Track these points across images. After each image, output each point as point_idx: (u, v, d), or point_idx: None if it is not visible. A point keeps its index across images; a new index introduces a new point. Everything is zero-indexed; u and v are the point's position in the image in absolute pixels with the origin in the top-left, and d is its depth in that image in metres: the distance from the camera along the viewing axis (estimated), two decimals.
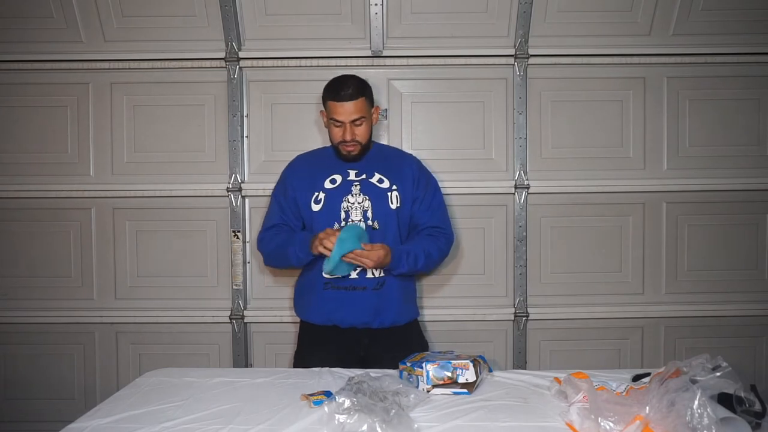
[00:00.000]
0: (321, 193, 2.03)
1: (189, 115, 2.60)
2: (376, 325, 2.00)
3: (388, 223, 2.02)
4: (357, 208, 2.01)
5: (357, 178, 2.04)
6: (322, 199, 2.03)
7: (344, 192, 2.03)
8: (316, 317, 2.04)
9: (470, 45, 2.53)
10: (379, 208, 2.02)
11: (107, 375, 2.63)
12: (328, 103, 1.98)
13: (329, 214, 2.01)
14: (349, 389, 1.47)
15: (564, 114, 2.60)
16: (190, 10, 2.50)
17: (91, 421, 1.44)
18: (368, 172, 2.05)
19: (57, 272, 2.62)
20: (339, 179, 2.04)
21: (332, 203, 2.02)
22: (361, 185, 2.03)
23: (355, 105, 1.95)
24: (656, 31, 2.54)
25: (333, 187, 2.03)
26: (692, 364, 1.39)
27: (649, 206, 2.62)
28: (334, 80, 2.02)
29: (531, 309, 2.59)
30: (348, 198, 2.02)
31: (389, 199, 2.03)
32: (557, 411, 1.47)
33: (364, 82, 2.03)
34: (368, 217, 2.01)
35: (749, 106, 2.60)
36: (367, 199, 2.02)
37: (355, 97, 1.95)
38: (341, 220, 2.01)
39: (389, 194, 2.04)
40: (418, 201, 2.08)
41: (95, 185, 2.59)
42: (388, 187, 2.04)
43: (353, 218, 2.00)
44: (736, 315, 2.60)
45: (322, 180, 2.05)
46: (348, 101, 1.94)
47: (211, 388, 1.66)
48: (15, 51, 2.54)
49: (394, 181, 2.05)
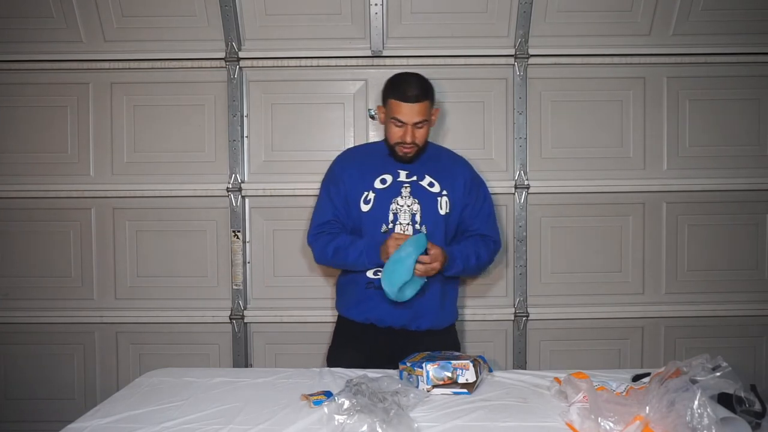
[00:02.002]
0: (371, 192, 1.98)
1: (189, 115, 2.60)
2: (414, 327, 1.98)
3: (436, 229, 1.97)
4: (406, 211, 1.96)
5: (407, 180, 1.98)
6: (371, 200, 1.97)
7: (394, 193, 1.97)
8: (356, 314, 2.01)
9: (470, 45, 2.53)
10: (428, 212, 1.97)
11: (107, 375, 2.63)
12: (392, 101, 1.92)
13: (378, 216, 1.96)
14: (348, 390, 1.47)
15: (564, 114, 2.60)
16: (190, 10, 2.50)
17: (91, 421, 1.44)
18: (419, 174, 2.00)
19: (57, 272, 2.62)
20: (389, 179, 1.99)
21: (381, 204, 1.96)
22: (412, 187, 1.98)
23: (420, 107, 1.90)
24: (656, 31, 2.54)
25: (383, 188, 1.98)
26: (692, 364, 1.39)
27: (649, 206, 2.62)
28: (400, 78, 1.96)
29: (531, 309, 2.59)
30: (397, 200, 1.97)
31: (439, 204, 1.98)
32: (557, 411, 1.47)
33: (429, 83, 1.97)
34: (416, 221, 1.96)
35: (749, 106, 2.60)
36: (416, 203, 1.97)
37: (421, 99, 1.90)
38: (389, 222, 1.96)
39: (439, 199, 1.99)
40: (468, 207, 2.03)
41: (95, 185, 2.59)
42: (439, 191, 1.99)
43: (401, 221, 1.95)
44: (736, 315, 2.60)
45: (373, 179, 1.99)
46: (414, 103, 1.89)
47: (211, 388, 1.66)
48: (15, 51, 2.54)
49: (445, 186, 2.00)
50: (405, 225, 1.96)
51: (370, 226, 1.96)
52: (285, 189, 2.57)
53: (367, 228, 1.97)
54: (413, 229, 1.96)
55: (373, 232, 1.96)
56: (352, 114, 2.59)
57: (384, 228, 1.96)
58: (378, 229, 1.95)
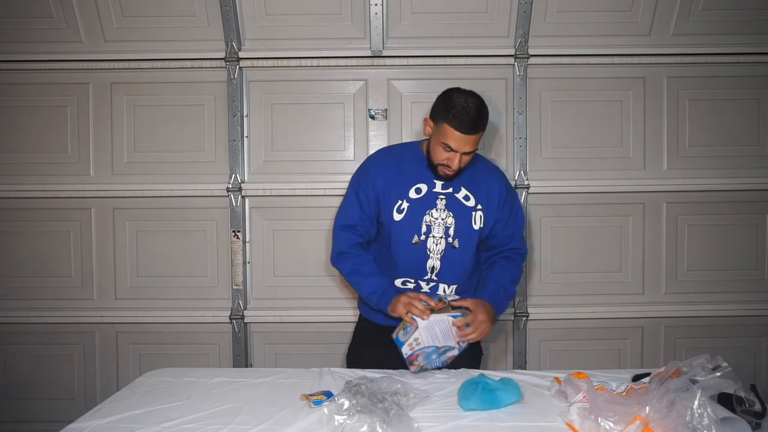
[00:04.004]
0: (405, 202, 1.89)
1: (189, 115, 2.60)
2: None
3: (468, 243, 1.91)
4: (440, 224, 1.89)
5: (443, 191, 1.90)
6: (405, 209, 1.88)
7: (428, 205, 1.89)
8: (378, 317, 1.97)
9: (470, 45, 2.53)
10: (462, 226, 1.90)
11: (107, 375, 2.63)
12: (446, 126, 1.78)
13: (410, 227, 1.89)
14: (348, 391, 1.47)
15: (564, 114, 2.60)
16: (190, 10, 2.50)
17: (91, 421, 1.44)
18: (455, 186, 1.91)
19: (57, 272, 2.62)
20: (424, 189, 1.90)
21: (415, 215, 1.88)
22: (447, 200, 1.90)
23: (476, 138, 1.80)
24: (656, 31, 2.54)
25: (418, 197, 1.89)
26: (692, 364, 1.39)
27: (649, 206, 2.62)
28: (460, 104, 1.78)
29: (531, 309, 2.59)
30: (432, 212, 1.89)
31: (473, 219, 1.91)
32: (557, 411, 1.47)
33: (487, 109, 1.82)
34: (450, 234, 1.89)
35: (749, 106, 2.60)
36: (450, 216, 1.89)
37: (479, 130, 1.79)
38: (421, 234, 1.88)
39: (474, 214, 1.91)
40: (501, 222, 1.95)
41: (95, 185, 2.59)
42: (474, 206, 1.91)
43: (434, 234, 1.88)
44: (736, 315, 2.60)
45: (408, 187, 1.90)
46: (472, 134, 1.78)
47: (211, 388, 1.66)
48: (15, 51, 2.54)
49: (480, 200, 1.92)
50: (438, 238, 1.90)
51: (400, 236, 1.89)
52: (285, 189, 2.57)
53: (398, 238, 1.90)
54: (446, 242, 1.90)
55: (402, 242, 1.90)
56: (352, 114, 2.60)
57: (416, 239, 1.90)
58: (409, 240, 1.89)
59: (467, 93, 1.83)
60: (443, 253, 1.90)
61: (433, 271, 1.90)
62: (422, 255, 1.89)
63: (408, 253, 1.90)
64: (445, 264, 1.90)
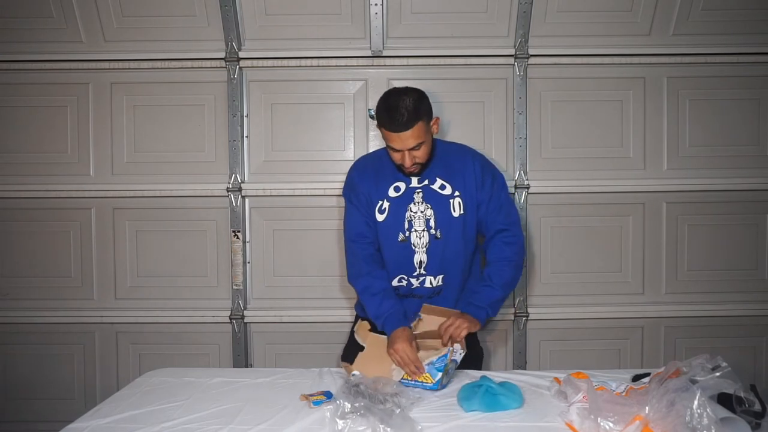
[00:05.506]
0: (385, 201, 1.94)
1: (189, 115, 2.60)
2: None
3: (450, 232, 1.93)
4: (420, 217, 1.92)
5: (419, 185, 1.94)
6: (386, 209, 1.93)
7: (407, 200, 1.94)
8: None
9: (470, 45, 2.53)
10: (441, 216, 1.92)
11: (107, 375, 2.63)
12: (382, 129, 1.83)
13: (394, 225, 1.93)
14: (348, 392, 1.47)
15: (564, 114, 2.60)
16: (190, 10, 2.50)
17: (91, 421, 1.44)
18: (430, 177, 1.94)
19: (57, 272, 2.62)
20: (403, 187, 1.94)
21: (396, 213, 1.93)
22: (424, 192, 1.93)
23: (413, 132, 1.79)
24: (656, 31, 2.54)
25: (397, 195, 1.94)
26: (692, 364, 1.39)
27: (649, 206, 2.62)
28: (387, 103, 1.82)
29: (531, 309, 2.59)
30: (411, 207, 1.93)
31: (452, 207, 1.93)
32: (557, 411, 1.47)
33: (419, 101, 1.82)
34: (431, 226, 1.92)
35: (749, 106, 2.60)
36: (429, 208, 1.93)
37: (410, 125, 1.78)
38: (405, 231, 1.93)
39: (451, 201, 1.93)
40: (483, 204, 1.96)
41: (95, 185, 2.59)
42: (450, 193, 1.94)
43: (416, 228, 1.92)
44: (736, 315, 2.60)
45: (386, 187, 1.95)
46: (403, 131, 1.78)
47: (211, 388, 1.66)
48: (15, 51, 2.54)
49: (456, 186, 1.94)
50: (420, 231, 1.92)
51: (386, 235, 1.94)
52: (285, 189, 2.57)
53: (384, 237, 1.94)
54: (429, 234, 1.92)
55: (389, 241, 1.93)
56: (352, 114, 2.60)
57: (401, 237, 1.93)
58: (395, 238, 1.93)
59: (395, 92, 1.87)
60: (428, 245, 1.93)
61: (422, 265, 1.94)
62: (409, 251, 1.94)
63: (396, 251, 1.94)
64: (431, 255, 1.94)
